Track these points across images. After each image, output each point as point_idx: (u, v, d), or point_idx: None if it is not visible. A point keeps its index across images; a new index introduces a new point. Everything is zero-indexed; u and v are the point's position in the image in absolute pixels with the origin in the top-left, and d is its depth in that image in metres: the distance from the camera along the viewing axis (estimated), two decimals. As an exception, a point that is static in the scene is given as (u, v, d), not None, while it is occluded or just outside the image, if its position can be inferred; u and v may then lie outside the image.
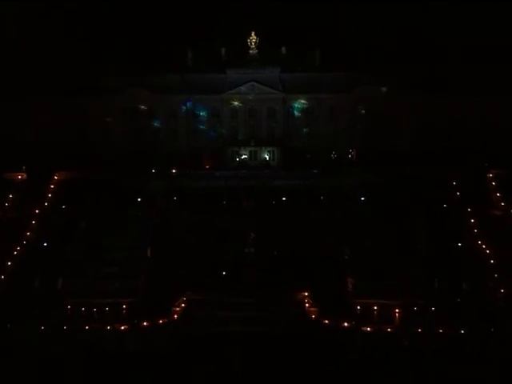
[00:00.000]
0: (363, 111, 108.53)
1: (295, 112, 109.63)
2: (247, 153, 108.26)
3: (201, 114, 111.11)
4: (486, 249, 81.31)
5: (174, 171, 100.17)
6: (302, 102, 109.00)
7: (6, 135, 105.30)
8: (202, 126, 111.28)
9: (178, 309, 74.52)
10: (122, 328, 72.19)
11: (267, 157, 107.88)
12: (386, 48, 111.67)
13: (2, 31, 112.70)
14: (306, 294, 75.96)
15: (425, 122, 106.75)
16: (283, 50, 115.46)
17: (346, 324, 71.79)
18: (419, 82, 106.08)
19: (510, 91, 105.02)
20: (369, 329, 71.44)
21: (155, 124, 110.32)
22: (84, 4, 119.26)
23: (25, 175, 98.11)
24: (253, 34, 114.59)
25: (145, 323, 72.51)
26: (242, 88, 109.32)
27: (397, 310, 72.41)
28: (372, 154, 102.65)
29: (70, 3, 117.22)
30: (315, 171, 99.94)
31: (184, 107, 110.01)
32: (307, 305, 74.78)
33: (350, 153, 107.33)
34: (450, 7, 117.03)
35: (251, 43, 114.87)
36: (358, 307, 72.91)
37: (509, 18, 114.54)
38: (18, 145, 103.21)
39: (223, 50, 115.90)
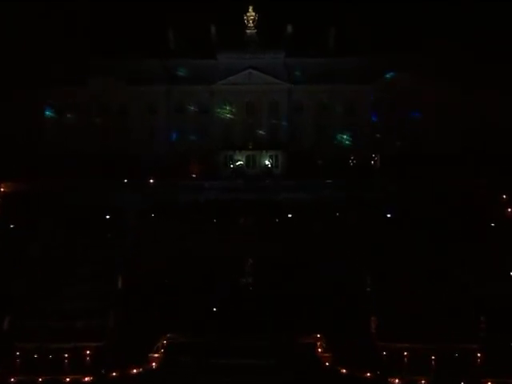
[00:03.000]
0: (390, 106, 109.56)
1: None
2: (244, 158, 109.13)
3: (186, 109, 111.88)
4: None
5: (151, 181, 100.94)
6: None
7: None
8: (187, 125, 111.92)
9: (156, 355, 73.95)
10: (86, 380, 71.50)
11: (269, 163, 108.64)
12: (417, 27, 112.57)
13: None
14: (319, 336, 75.85)
15: (468, 121, 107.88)
16: (288, 29, 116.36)
17: (368, 374, 71.45)
18: (456, 73, 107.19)
19: None
20: (397, 380, 71.16)
21: (128, 122, 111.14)
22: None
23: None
24: (250, 9, 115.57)
25: (114, 373, 71.85)
26: (237, 77, 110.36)
27: (433, 357, 72.36)
28: (401, 159, 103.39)
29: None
30: (329, 181, 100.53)
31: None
32: (320, 350, 74.57)
33: (372, 158, 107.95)
34: None
35: (248, 21, 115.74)
36: (384, 353, 72.66)
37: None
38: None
39: (213, 30, 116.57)
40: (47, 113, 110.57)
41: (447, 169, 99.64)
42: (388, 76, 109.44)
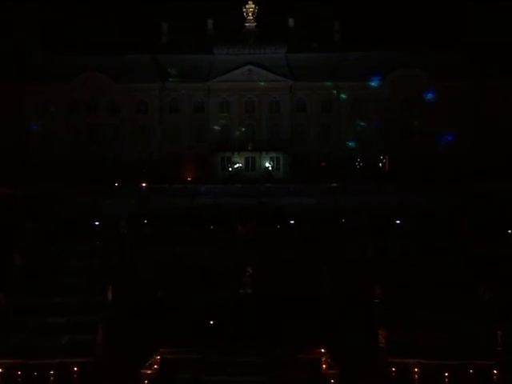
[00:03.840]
0: (400, 105, 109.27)
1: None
2: (243, 160, 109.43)
3: (180, 108, 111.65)
4: None
5: (143, 185, 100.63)
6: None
7: None
8: (181, 125, 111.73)
9: (149, 371, 73.04)
10: (73, 398, 71.76)
11: (269, 166, 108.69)
12: (431, 21, 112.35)
13: None
14: (323, 350, 75.11)
15: (486, 121, 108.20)
16: (291, 22, 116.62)
17: (377, 392, 71.26)
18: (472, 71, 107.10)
19: None
20: (408, 399, 70.92)
21: (118, 122, 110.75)
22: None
23: None
24: (250, 1, 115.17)
25: (104, 392, 72.00)
26: (236, 73, 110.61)
27: (446, 374, 71.70)
28: (411, 161, 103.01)
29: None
30: (334, 185, 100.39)
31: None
32: (324, 366, 73.85)
33: (381, 161, 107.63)
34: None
35: (248, 13, 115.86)
36: (393, 369, 71.92)
37: None
38: None
39: (210, 23, 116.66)
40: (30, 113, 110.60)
41: (461, 171, 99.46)
42: (398, 72, 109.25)
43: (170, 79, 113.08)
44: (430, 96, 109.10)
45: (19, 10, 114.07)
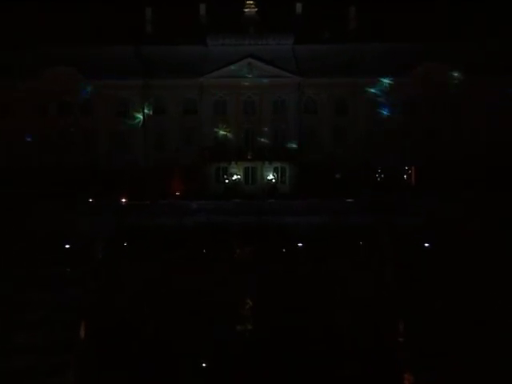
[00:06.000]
0: (429, 103, 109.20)
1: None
2: (241, 171, 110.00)
3: (167, 108, 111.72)
4: None
5: (123, 201, 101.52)
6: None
7: None
8: (169, 129, 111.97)
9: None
10: None
11: (273, 178, 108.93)
12: (460, 8, 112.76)
13: None
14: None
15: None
16: (298, 7, 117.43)
17: None
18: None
19: None
20: None
21: (93, 125, 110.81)
22: None
23: None
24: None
25: None
26: (233, 68, 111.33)
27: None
28: (442, 171, 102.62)
29: None
30: (350, 201, 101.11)
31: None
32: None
33: (406, 171, 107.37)
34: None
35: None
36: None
37: None
38: None
39: (202, 8, 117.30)
40: None
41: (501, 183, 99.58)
42: (424, 67, 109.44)
43: (155, 75, 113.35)
44: (460, 94, 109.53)
45: None
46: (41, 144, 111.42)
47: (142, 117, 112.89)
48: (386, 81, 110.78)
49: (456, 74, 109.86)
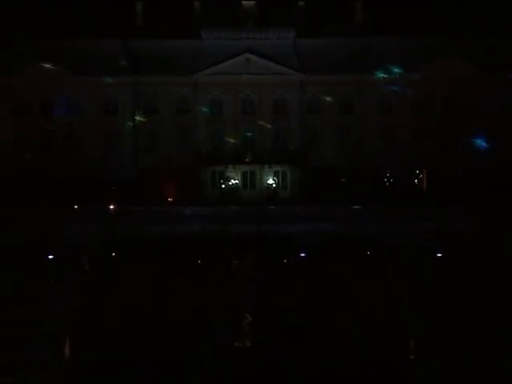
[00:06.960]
0: (443, 102, 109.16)
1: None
2: (239, 176, 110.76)
3: (159, 108, 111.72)
4: None
5: (111, 208, 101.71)
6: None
7: None
8: (160, 130, 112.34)
9: None
10: None
11: (273, 182, 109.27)
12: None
13: None
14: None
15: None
16: None
17: None
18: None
19: None
20: None
21: (78, 125, 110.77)
22: None
23: None
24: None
25: None
26: (230, 64, 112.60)
27: None
28: (456, 176, 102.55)
29: None
30: (357, 207, 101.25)
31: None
32: None
33: (417, 176, 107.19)
34: None
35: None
36: None
37: None
38: None
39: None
40: None
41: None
42: (438, 64, 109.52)
43: (146, 71, 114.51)
44: (477, 94, 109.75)
45: None
46: (18, 145, 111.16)
47: (131, 116, 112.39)
48: (395, 77, 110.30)
49: (471, 70, 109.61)
